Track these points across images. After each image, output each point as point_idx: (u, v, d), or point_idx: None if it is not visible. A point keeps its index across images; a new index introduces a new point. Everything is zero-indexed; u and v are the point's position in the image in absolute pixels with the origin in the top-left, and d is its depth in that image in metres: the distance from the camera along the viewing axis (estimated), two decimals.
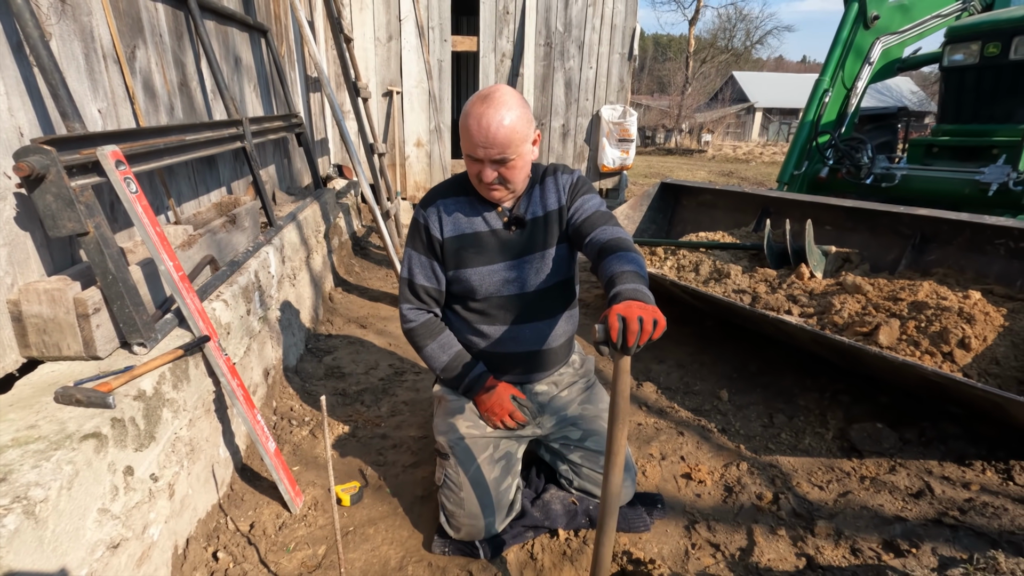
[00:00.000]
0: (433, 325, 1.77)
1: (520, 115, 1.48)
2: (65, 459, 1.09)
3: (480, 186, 1.59)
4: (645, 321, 1.15)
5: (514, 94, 1.49)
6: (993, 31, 3.85)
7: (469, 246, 1.68)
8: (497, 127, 1.45)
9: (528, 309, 1.74)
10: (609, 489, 1.24)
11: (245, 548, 1.69)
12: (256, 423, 1.79)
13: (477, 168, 1.54)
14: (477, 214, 1.69)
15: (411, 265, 1.74)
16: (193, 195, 2.51)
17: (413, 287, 1.75)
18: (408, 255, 1.75)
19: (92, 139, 1.51)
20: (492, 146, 1.47)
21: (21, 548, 0.94)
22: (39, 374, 1.41)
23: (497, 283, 1.70)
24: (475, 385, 1.77)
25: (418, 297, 1.75)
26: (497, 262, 1.69)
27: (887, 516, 1.82)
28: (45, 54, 1.42)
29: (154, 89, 2.18)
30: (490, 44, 6.47)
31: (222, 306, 1.96)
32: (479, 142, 1.46)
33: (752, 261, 3.35)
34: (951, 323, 2.18)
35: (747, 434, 2.33)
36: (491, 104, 1.45)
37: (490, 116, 1.44)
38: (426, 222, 1.70)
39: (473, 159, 1.53)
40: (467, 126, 1.47)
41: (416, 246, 1.73)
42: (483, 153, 1.48)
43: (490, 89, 1.49)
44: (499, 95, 1.47)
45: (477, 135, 1.46)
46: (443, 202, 1.70)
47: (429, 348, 1.76)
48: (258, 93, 3.51)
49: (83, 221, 1.38)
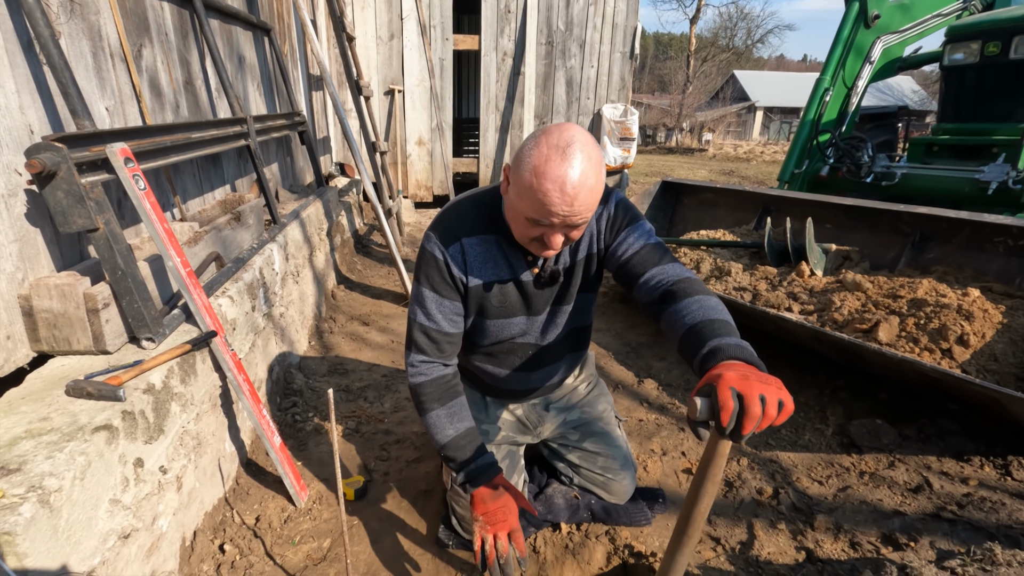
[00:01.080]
0: (446, 384, 1.47)
1: (602, 165, 1.19)
2: (78, 450, 1.11)
3: (533, 245, 1.28)
4: (769, 404, 0.89)
5: (589, 139, 1.17)
6: (993, 30, 3.87)
7: (494, 296, 1.45)
8: (585, 193, 1.15)
9: (540, 355, 1.63)
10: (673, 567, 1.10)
11: (251, 541, 1.71)
12: (262, 418, 1.81)
13: (539, 232, 1.23)
14: (507, 263, 1.43)
15: (427, 307, 1.43)
16: (198, 193, 2.53)
17: (429, 333, 1.44)
18: (421, 295, 1.43)
19: (101, 136, 1.53)
20: (574, 214, 1.17)
21: (36, 536, 0.96)
22: (49, 368, 1.43)
23: (513, 334, 1.55)
24: (481, 476, 1.45)
25: (436, 345, 1.45)
26: (518, 315, 1.51)
27: (886, 510, 1.84)
28: (55, 52, 1.44)
29: (160, 87, 2.20)
30: (492, 43, 6.49)
31: (228, 302, 1.98)
32: (559, 211, 1.15)
33: (753, 259, 3.36)
34: (950, 320, 2.20)
35: None
36: (573, 162, 1.12)
37: (576, 181, 1.13)
38: (447, 260, 1.39)
39: (537, 223, 1.21)
40: (542, 189, 1.14)
41: (435, 285, 1.41)
42: (560, 221, 1.18)
43: (564, 135, 1.15)
44: (579, 146, 1.14)
45: (559, 204, 1.14)
46: (468, 241, 1.40)
47: (435, 414, 1.46)
48: (261, 91, 3.52)
49: (93, 217, 1.40)
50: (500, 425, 1.79)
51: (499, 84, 6.67)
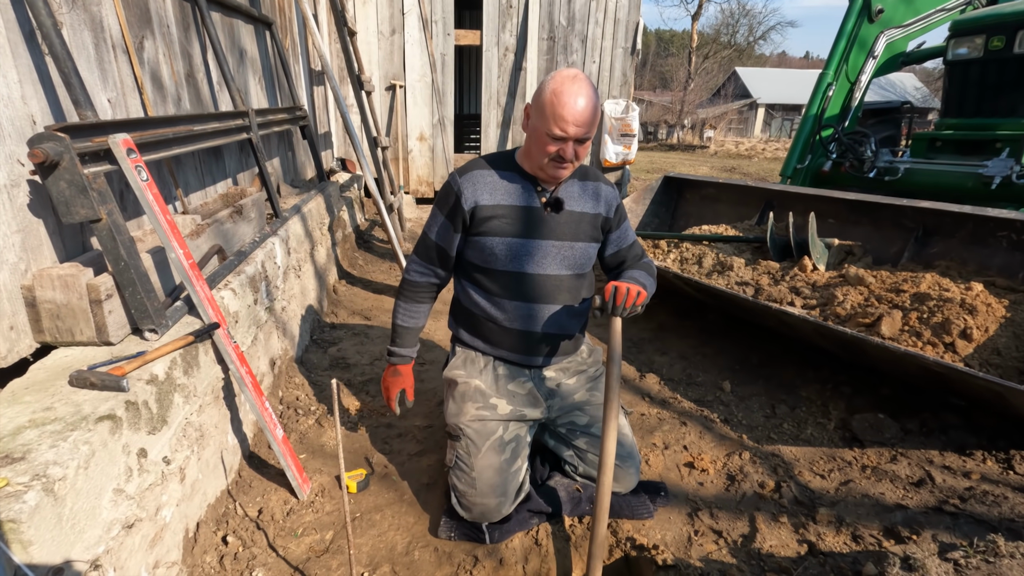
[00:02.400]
0: (422, 291, 1.86)
1: (595, 92, 1.55)
2: (82, 439, 1.11)
3: (550, 165, 1.61)
4: (631, 290, 1.58)
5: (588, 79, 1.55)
6: (998, 24, 3.84)
7: (503, 216, 1.70)
8: (589, 105, 1.51)
9: (546, 290, 1.77)
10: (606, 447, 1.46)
11: (254, 533, 1.71)
12: (264, 410, 1.81)
13: (558, 147, 1.56)
14: (517, 189, 1.71)
15: (432, 224, 1.78)
16: (200, 186, 2.53)
17: (425, 241, 1.80)
18: (433, 214, 1.77)
19: (104, 127, 1.53)
20: (583, 124, 1.51)
21: (41, 524, 0.96)
22: (53, 358, 1.43)
23: (522, 257, 1.73)
24: (395, 359, 1.90)
25: (427, 251, 1.80)
26: (526, 237, 1.72)
27: (888, 504, 1.84)
28: (57, 42, 1.44)
29: (162, 80, 2.19)
30: (493, 38, 6.47)
31: (230, 295, 1.98)
32: (573, 120, 1.50)
33: (755, 254, 3.36)
34: (953, 314, 2.19)
35: (749, 424, 2.35)
36: (581, 83, 1.50)
37: (584, 94, 1.49)
38: (459, 189, 1.69)
39: (555, 138, 1.54)
40: (560, 103, 1.49)
41: (440, 205, 1.75)
42: (573, 131, 1.52)
43: (571, 71, 1.53)
44: (583, 76, 1.52)
45: (572, 112, 1.49)
46: (482, 172, 1.72)
47: (401, 305, 1.87)
48: (263, 85, 3.52)
49: (96, 208, 1.40)
50: (510, 397, 1.81)
51: (501, 80, 6.66)
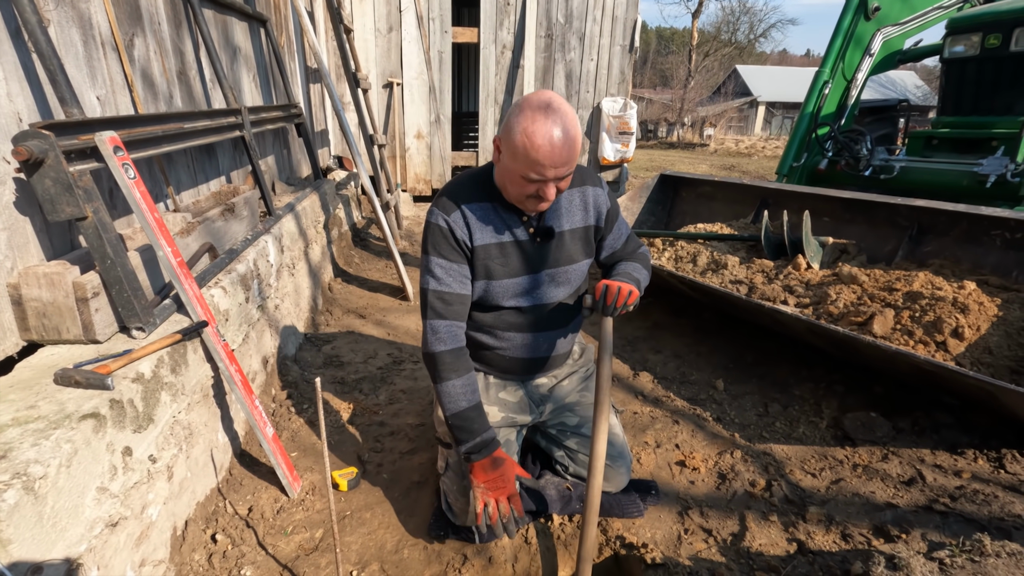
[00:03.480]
0: (463, 355, 1.55)
1: (577, 121, 1.36)
2: (64, 438, 1.11)
3: (528, 202, 1.44)
4: (623, 289, 1.50)
5: (562, 98, 1.35)
6: (994, 22, 3.84)
7: (496, 257, 1.56)
8: (569, 145, 1.32)
9: (543, 320, 1.70)
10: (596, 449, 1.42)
11: (243, 531, 1.71)
12: (254, 409, 1.81)
13: (535, 188, 1.38)
14: (504, 223, 1.55)
15: (437, 273, 1.52)
16: (192, 184, 2.53)
17: (443, 297, 1.52)
18: (430, 264, 1.52)
19: (90, 125, 1.52)
20: (562, 164, 1.33)
21: (21, 522, 0.96)
22: (39, 357, 1.43)
23: (517, 294, 1.63)
24: (484, 450, 1.51)
25: (450, 307, 1.53)
26: (521, 274, 1.61)
27: (878, 503, 1.83)
28: (43, 40, 1.43)
29: (152, 78, 2.19)
30: (491, 35, 6.46)
31: (220, 293, 1.97)
32: (552, 163, 1.31)
33: (749, 252, 3.36)
34: (945, 313, 2.19)
35: (742, 423, 2.35)
36: (557, 118, 1.29)
37: (561, 133, 1.30)
38: (451, 227, 1.51)
39: (533, 180, 1.36)
40: (534, 145, 1.29)
41: (442, 251, 1.52)
42: (552, 173, 1.34)
43: (541, 97, 1.32)
44: (558, 104, 1.31)
45: (550, 156, 1.30)
46: (467, 207, 1.52)
47: (452, 384, 1.51)
48: (257, 83, 3.51)
49: (81, 206, 1.40)
50: (501, 405, 1.78)
51: (498, 77, 6.64)
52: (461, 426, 1.51)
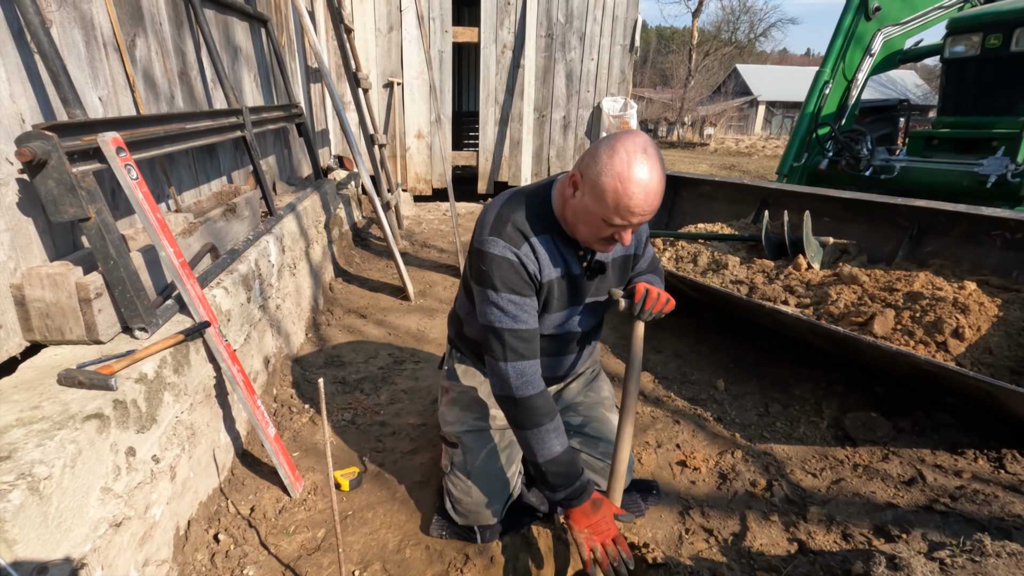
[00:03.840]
0: (549, 395, 1.46)
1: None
2: (68, 438, 1.11)
3: (596, 243, 1.39)
4: (661, 295, 1.57)
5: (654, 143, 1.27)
6: (995, 23, 3.84)
7: (555, 291, 1.50)
8: (661, 193, 1.26)
9: (572, 344, 1.70)
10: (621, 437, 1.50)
11: (246, 531, 1.72)
12: (256, 409, 1.81)
13: (611, 232, 1.32)
14: (562, 256, 1.47)
15: (511, 311, 1.40)
16: (193, 184, 2.53)
17: (521, 335, 1.41)
18: (501, 301, 1.40)
19: (93, 126, 1.52)
20: (650, 213, 1.28)
21: (26, 523, 0.97)
22: (42, 357, 1.43)
23: (558, 324, 1.59)
24: (583, 494, 1.42)
25: (530, 345, 1.42)
26: (567, 307, 1.56)
27: (879, 503, 1.84)
28: (46, 41, 1.44)
29: (154, 78, 2.19)
30: (491, 35, 6.46)
31: (222, 293, 1.98)
32: (641, 211, 1.25)
33: (750, 252, 3.36)
34: (945, 313, 2.19)
35: (742, 423, 2.35)
36: (653, 165, 1.23)
37: (657, 182, 1.24)
38: (522, 261, 1.40)
39: (612, 225, 1.30)
40: (627, 193, 1.22)
41: (514, 287, 1.40)
42: (638, 220, 1.28)
43: (637, 141, 1.24)
44: (653, 149, 1.24)
45: (642, 204, 1.24)
46: (535, 240, 1.43)
47: (545, 429, 1.41)
48: (258, 83, 3.51)
49: (84, 206, 1.40)
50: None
51: (499, 77, 6.65)
52: (557, 472, 1.41)
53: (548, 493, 1.45)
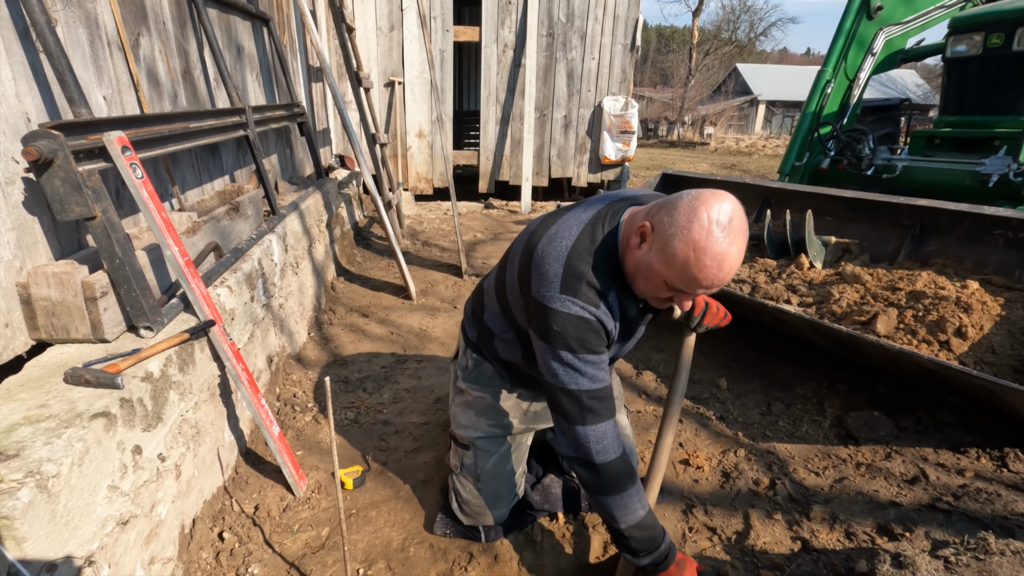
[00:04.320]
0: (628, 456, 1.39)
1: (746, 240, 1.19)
2: (76, 436, 1.12)
3: (654, 301, 1.32)
4: (720, 308, 1.58)
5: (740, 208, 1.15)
6: (997, 22, 3.83)
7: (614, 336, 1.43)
8: (735, 269, 1.15)
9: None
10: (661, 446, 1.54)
11: (250, 529, 1.72)
12: (260, 407, 1.81)
13: (673, 295, 1.24)
14: (623, 304, 1.38)
15: (591, 372, 1.31)
16: (197, 183, 2.53)
17: (600, 396, 1.32)
18: (579, 362, 1.30)
19: (98, 125, 1.53)
20: (719, 287, 1.17)
21: (35, 520, 0.97)
22: (48, 356, 1.43)
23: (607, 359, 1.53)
24: (668, 557, 1.38)
25: (608, 403, 1.34)
26: (622, 344, 1.50)
27: (882, 501, 1.84)
28: (51, 40, 1.44)
29: (158, 77, 2.19)
30: (492, 34, 6.46)
31: (226, 292, 1.98)
32: (710, 285, 1.15)
33: (752, 251, 3.36)
34: (948, 312, 2.19)
35: (745, 422, 2.35)
36: (736, 240, 1.12)
37: (735, 260, 1.13)
38: (602, 322, 1.31)
39: (679, 291, 1.22)
40: (701, 265, 1.12)
41: (593, 347, 1.31)
42: (703, 292, 1.19)
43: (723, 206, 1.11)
44: (739, 222, 1.13)
45: (714, 279, 1.14)
46: (610, 297, 1.33)
47: (629, 494, 1.34)
48: (260, 82, 3.51)
49: (90, 205, 1.40)
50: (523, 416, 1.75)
51: (500, 76, 6.64)
52: (642, 537, 1.35)
53: (631, 558, 1.39)
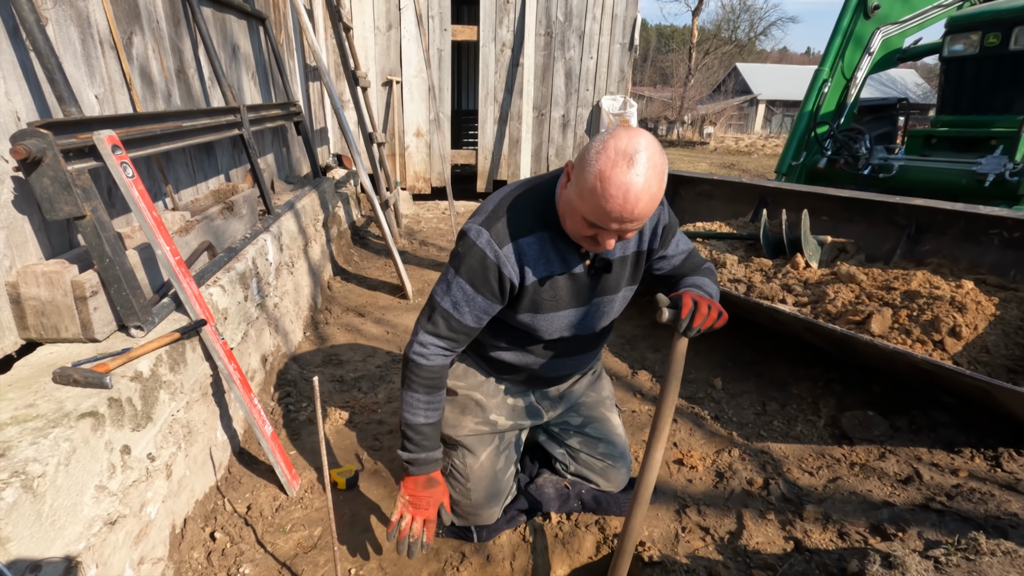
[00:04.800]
0: (441, 376, 1.51)
1: (665, 174, 1.18)
2: (63, 436, 1.11)
3: (585, 241, 1.32)
4: (712, 309, 1.29)
5: (656, 145, 1.15)
6: (994, 21, 3.84)
7: (546, 291, 1.44)
8: (646, 202, 1.15)
9: (580, 345, 1.64)
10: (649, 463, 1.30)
11: (242, 529, 1.72)
12: (253, 407, 1.81)
13: (593, 232, 1.25)
14: (560, 256, 1.41)
15: (457, 298, 1.40)
16: (191, 182, 2.53)
17: (450, 322, 1.42)
18: (455, 285, 1.39)
19: (88, 123, 1.52)
20: (631, 221, 1.18)
21: (19, 521, 0.97)
22: (38, 356, 1.43)
23: (562, 327, 1.53)
24: (425, 467, 1.52)
25: (452, 334, 1.44)
26: (569, 307, 1.50)
27: (875, 501, 1.84)
28: (41, 38, 1.43)
29: (151, 76, 2.19)
30: (490, 33, 6.45)
31: (219, 291, 1.97)
32: (620, 217, 1.16)
33: (748, 251, 3.36)
34: (943, 312, 2.19)
35: (739, 421, 2.35)
36: (640, 170, 1.12)
37: (640, 190, 1.13)
38: (499, 263, 1.35)
39: (594, 226, 1.22)
40: (605, 194, 1.13)
41: (475, 280, 1.37)
42: (616, 227, 1.20)
43: (632, 141, 1.13)
44: (647, 155, 1.12)
45: (620, 210, 1.14)
46: (525, 241, 1.37)
47: (417, 396, 1.48)
48: (256, 82, 3.51)
49: (80, 204, 1.40)
50: (510, 412, 1.76)
51: (498, 75, 6.64)
52: (412, 437, 1.50)
53: (399, 450, 1.55)
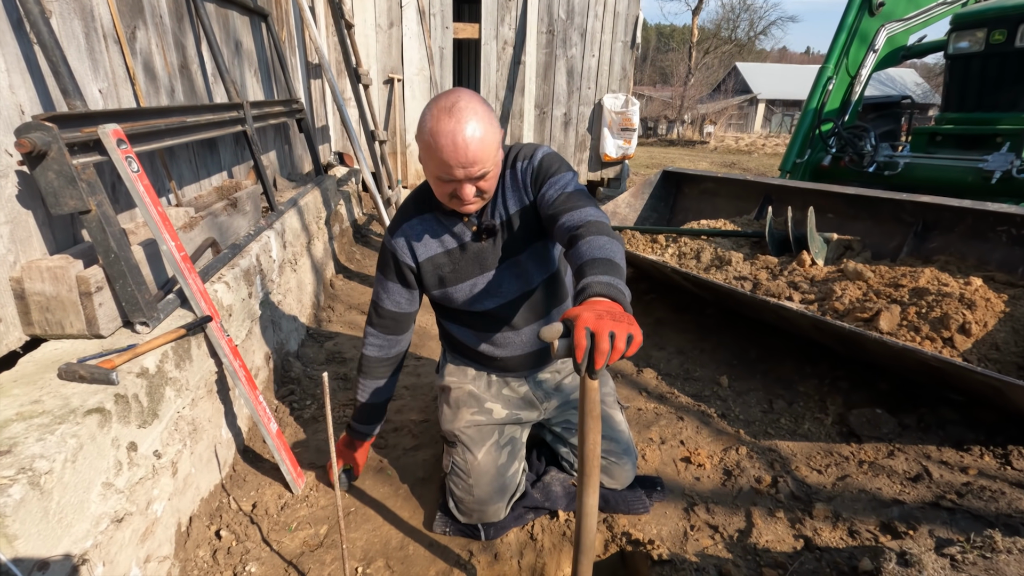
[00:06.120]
0: (383, 366, 1.79)
1: (490, 120, 1.33)
2: (69, 433, 1.10)
3: (452, 202, 1.44)
4: (617, 338, 0.96)
5: (475, 97, 1.32)
6: (999, 18, 3.82)
7: (444, 265, 1.61)
8: (476, 143, 1.29)
9: (520, 315, 1.68)
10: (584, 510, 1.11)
11: (248, 527, 1.70)
12: (258, 404, 1.79)
13: (451, 188, 1.38)
14: (445, 230, 1.59)
15: (378, 289, 1.71)
16: (194, 178, 2.51)
17: (378, 309, 1.73)
18: (379, 281, 1.70)
19: (93, 117, 1.51)
20: (471, 164, 1.31)
21: (27, 518, 0.95)
22: (42, 351, 1.42)
23: (481, 296, 1.63)
24: (357, 435, 1.90)
25: (381, 319, 1.73)
26: (476, 275, 1.61)
27: (885, 499, 1.83)
28: (46, 31, 1.42)
29: (154, 71, 2.17)
30: (492, 31, 6.43)
31: (224, 288, 1.96)
32: (457, 162, 1.30)
33: (753, 248, 3.34)
34: (952, 309, 2.18)
35: (746, 419, 2.34)
36: (460, 117, 1.27)
37: (464, 132, 1.27)
38: (393, 249, 1.61)
39: (446, 180, 1.37)
40: (438, 146, 1.29)
41: (384, 271, 1.68)
42: (462, 173, 1.33)
43: (450, 98, 1.30)
44: (464, 104, 1.29)
45: (454, 156, 1.29)
46: (408, 225, 1.60)
47: (363, 382, 1.81)
48: (259, 78, 3.49)
49: (85, 199, 1.38)
50: (505, 402, 1.79)
51: (499, 73, 6.62)
52: (358, 410, 1.86)
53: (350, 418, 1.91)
